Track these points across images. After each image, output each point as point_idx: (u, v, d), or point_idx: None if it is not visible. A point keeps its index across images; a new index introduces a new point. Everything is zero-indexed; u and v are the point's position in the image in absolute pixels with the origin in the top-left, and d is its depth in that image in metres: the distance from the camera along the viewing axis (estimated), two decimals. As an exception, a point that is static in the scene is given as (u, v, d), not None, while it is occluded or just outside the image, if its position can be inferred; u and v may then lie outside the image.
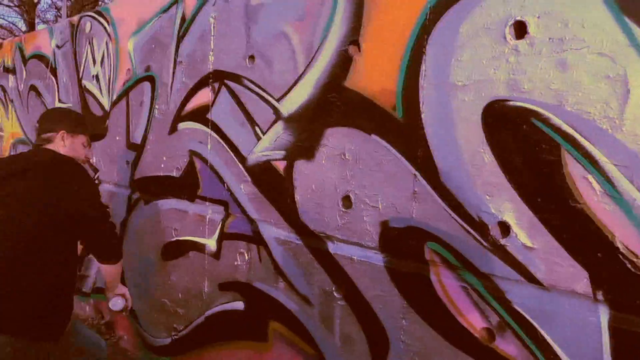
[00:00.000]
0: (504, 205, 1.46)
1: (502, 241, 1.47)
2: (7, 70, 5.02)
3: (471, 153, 1.53)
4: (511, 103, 1.44)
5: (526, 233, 1.42)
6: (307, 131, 2.01)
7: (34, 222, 1.88)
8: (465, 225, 1.56)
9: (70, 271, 2.03)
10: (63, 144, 2.15)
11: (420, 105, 1.65)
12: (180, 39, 2.65)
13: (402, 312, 1.74)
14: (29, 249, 1.87)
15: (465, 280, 1.57)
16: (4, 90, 5.05)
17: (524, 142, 1.41)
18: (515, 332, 1.46)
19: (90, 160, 3.56)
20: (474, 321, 1.55)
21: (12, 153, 4.84)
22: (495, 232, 1.49)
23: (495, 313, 1.50)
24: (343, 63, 1.87)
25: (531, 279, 1.42)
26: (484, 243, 1.52)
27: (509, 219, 1.45)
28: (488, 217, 1.50)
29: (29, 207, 1.90)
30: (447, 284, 1.63)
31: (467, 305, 1.58)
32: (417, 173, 1.68)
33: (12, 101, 4.88)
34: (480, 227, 1.52)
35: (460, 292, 1.59)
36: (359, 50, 1.83)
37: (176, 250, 2.76)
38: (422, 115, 1.65)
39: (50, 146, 2.13)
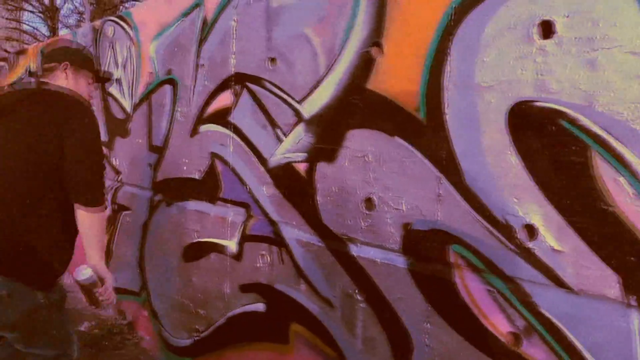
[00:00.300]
0: (531, 207, 1.44)
1: (529, 244, 1.45)
2: (31, 74, 5.12)
3: (496, 155, 1.51)
4: (538, 104, 1.41)
5: (554, 236, 1.39)
6: (328, 133, 2.01)
7: (25, 166, 1.82)
8: (490, 228, 1.54)
9: (68, 222, 1.91)
10: (65, 76, 2.01)
11: (444, 106, 1.63)
12: (201, 42, 2.67)
13: (425, 315, 1.72)
14: (25, 193, 1.81)
15: (491, 283, 1.55)
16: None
17: (552, 143, 1.39)
18: (543, 336, 1.43)
19: (113, 162, 3.61)
20: (500, 325, 1.53)
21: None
22: (521, 235, 1.47)
23: (522, 317, 1.48)
24: (365, 65, 1.87)
25: (559, 282, 1.39)
26: (510, 246, 1.49)
27: (536, 221, 1.43)
28: (514, 220, 1.48)
29: (22, 148, 1.81)
30: (471, 287, 1.60)
31: (492, 308, 1.55)
32: (441, 175, 1.66)
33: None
34: (506, 229, 1.50)
35: (485, 295, 1.57)
36: (381, 52, 1.82)
37: (197, 251, 2.78)
38: (446, 117, 1.63)
39: (50, 78, 2.01)
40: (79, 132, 1.85)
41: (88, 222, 1.88)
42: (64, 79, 2.02)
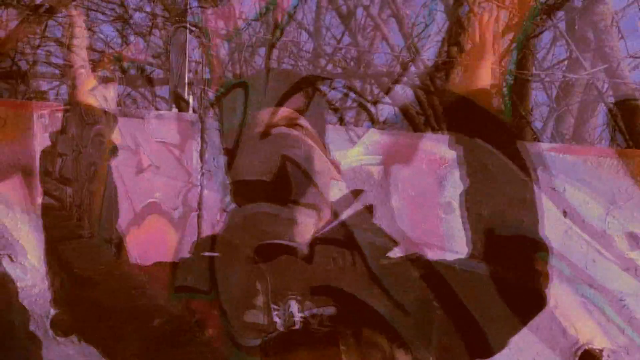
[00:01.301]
0: (633, 214, 1.33)
1: (631, 254, 1.34)
2: (106, 80, 5.39)
3: (593, 155, 1.41)
4: (642, 102, 1.31)
5: (661, 246, 1.28)
6: (404, 135, 1.96)
7: None
8: (584, 236, 1.44)
9: None
10: None
11: (531, 106, 1.55)
12: (272, 45, 2.69)
13: (510, 327, 1.64)
14: None
15: (584, 295, 1.45)
16: (105, 100, 5.43)
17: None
18: (647, 355, 1.32)
19: (184, 164, 3.72)
20: (595, 340, 1.43)
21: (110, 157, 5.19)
22: (621, 243, 1.36)
23: (622, 333, 1.37)
24: (444, 64, 1.81)
25: (668, 297, 1.28)
26: (608, 255, 1.39)
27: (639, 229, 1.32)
28: (613, 227, 1.37)
29: None
30: (562, 298, 1.51)
31: (586, 322, 1.46)
32: (527, 178, 1.58)
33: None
34: (603, 237, 1.40)
35: (578, 307, 1.47)
36: (462, 51, 1.76)
37: (267, 253, 2.79)
38: (533, 117, 1.55)
39: None
40: None
41: None
42: None
